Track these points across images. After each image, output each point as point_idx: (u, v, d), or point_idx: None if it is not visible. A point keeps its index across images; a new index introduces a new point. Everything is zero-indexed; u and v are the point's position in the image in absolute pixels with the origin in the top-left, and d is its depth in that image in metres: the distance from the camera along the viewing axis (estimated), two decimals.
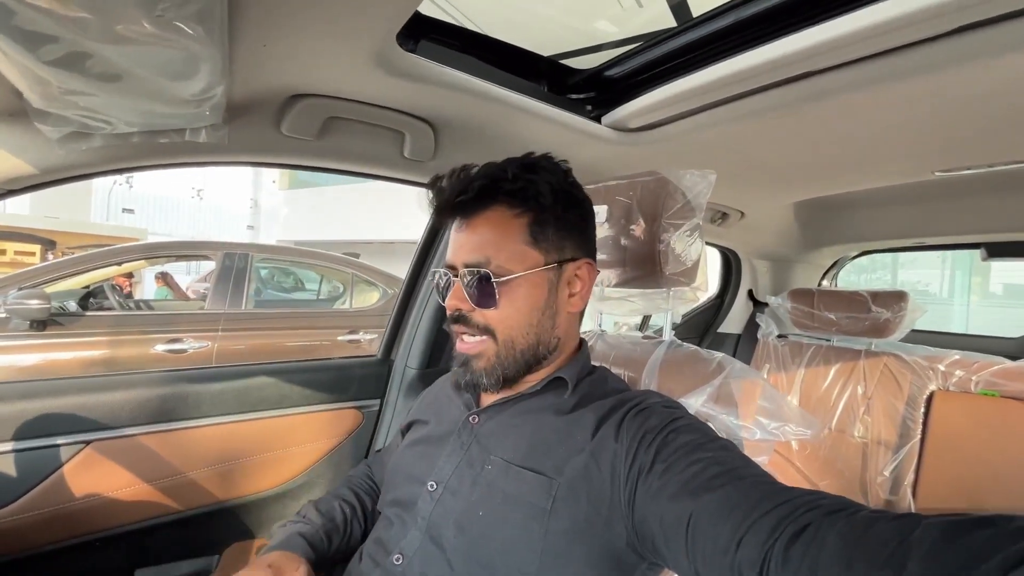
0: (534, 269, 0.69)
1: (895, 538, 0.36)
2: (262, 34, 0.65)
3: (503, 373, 0.70)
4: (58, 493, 0.92)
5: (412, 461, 0.77)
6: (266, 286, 4.85)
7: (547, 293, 0.71)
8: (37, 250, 7.05)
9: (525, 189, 0.68)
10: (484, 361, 0.70)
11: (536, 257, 0.70)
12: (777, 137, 1.04)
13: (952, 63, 0.71)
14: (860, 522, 0.40)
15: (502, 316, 0.69)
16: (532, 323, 0.70)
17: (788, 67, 0.79)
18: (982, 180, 1.31)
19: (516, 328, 0.69)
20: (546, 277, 0.71)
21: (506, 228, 0.69)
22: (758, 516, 0.45)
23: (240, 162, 0.93)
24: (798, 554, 0.40)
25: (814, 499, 0.45)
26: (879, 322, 1.66)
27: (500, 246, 0.68)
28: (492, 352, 0.70)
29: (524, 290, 0.69)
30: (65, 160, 0.75)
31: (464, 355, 0.71)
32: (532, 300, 0.70)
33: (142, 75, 0.59)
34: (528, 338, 0.70)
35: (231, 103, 0.79)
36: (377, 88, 0.83)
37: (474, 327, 0.70)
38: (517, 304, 0.69)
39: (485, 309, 0.69)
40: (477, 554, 0.62)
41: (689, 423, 0.63)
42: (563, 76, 1.02)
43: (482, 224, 0.69)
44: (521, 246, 0.69)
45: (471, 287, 0.68)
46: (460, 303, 0.69)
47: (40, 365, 2.77)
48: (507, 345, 0.69)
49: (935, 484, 1.46)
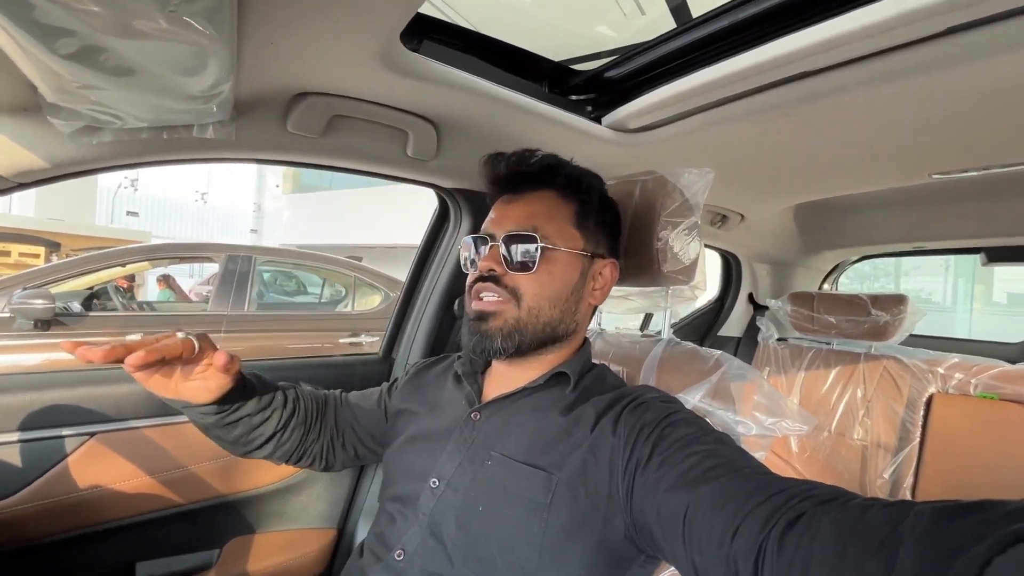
0: (574, 250, 0.74)
1: (887, 524, 0.36)
2: (270, 32, 0.67)
3: (520, 340, 0.71)
4: (62, 484, 0.93)
5: (413, 457, 0.77)
6: (269, 289, 4.87)
7: (578, 277, 0.76)
8: (42, 251, 7.10)
9: (580, 180, 0.77)
10: (500, 320, 0.71)
11: (578, 241, 0.75)
12: (776, 138, 1.06)
13: (946, 63, 0.72)
14: (853, 510, 0.40)
15: (535, 282, 0.72)
16: (561, 298, 0.74)
17: (786, 67, 0.80)
18: (981, 184, 1.32)
19: (545, 298, 0.72)
20: (581, 261, 0.76)
21: (556, 207, 0.75)
22: (753, 507, 0.46)
23: (246, 159, 0.95)
24: (792, 543, 0.41)
25: (808, 489, 0.46)
26: (879, 325, 1.67)
27: (549, 220, 0.73)
28: (512, 315, 0.71)
29: (561, 265, 0.73)
30: (76, 154, 0.76)
31: (481, 311, 0.72)
32: (565, 277, 0.74)
33: (153, 70, 0.61)
34: (553, 311, 0.73)
35: (238, 100, 0.80)
36: (381, 87, 0.84)
37: (501, 287, 0.72)
38: (553, 275, 0.73)
39: (519, 273, 0.72)
40: (477, 549, 0.63)
41: (686, 417, 0.63)
42: (564, 77, 1.03)
43: (534, 200, 0.75)
44: (567, 226, 0.75)
45: (510, 252, 0.72)
46: (495, 264, 0.72)
47: (44, 365, 2.79)
48: (532, 312, 0.72)
49: (934, 487, 1.46)
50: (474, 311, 0.74)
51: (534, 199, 0.75)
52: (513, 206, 0.76)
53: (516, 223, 0.73)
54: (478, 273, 0.74)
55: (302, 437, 0.83)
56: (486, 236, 0.75)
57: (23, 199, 9.38)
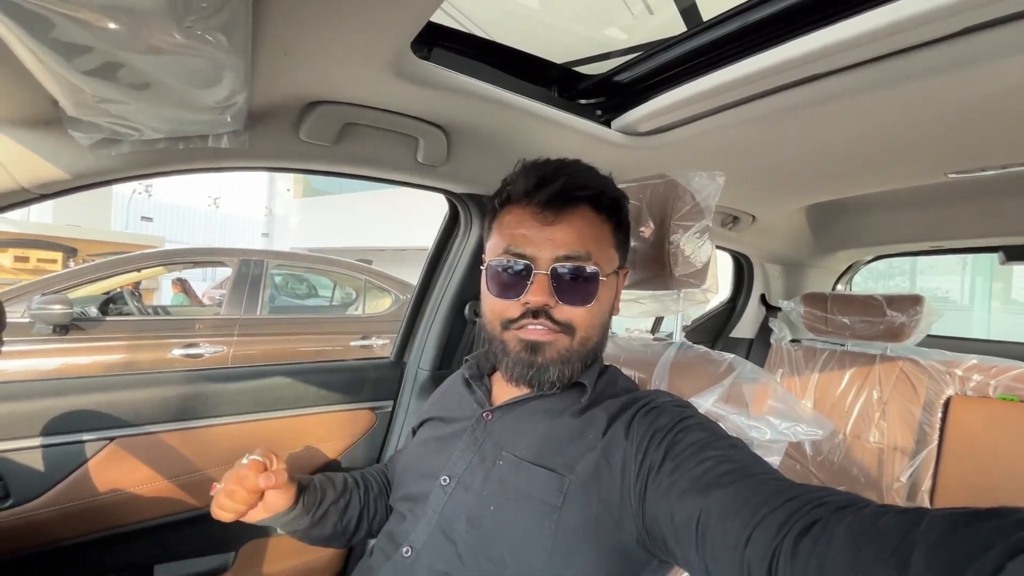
0: (614, 273, 0.74)
1: (901, 530, 0.36)
2: (283, 44, 0.68)
3: (572, 369, 0.70)
4: (83, 488, 0.95)
5: (424, 457, 0.78)
6: (280, 292, 4.92)
7: (615, 296, 0.77)
8: (59, 257, 7.22)
9: (618, 202, 0.75)
10: (554, 352, 0.68)
11: (616, 261, 0.75)
12: (788, 140, 1.05)
13: (963, 63, 0.71)
14: (867, 516, 0.40)
15: (590, 314, 0.70)
16: (605, 323, 0.75)
17: (798, 69, 0.79)
18: (999, 182, 1.30)
19: (597, 327, 0.72)
20: (616, 281, 0.76)
21: (599, 229, 0.72)
22: (767, 512, 0.45)
23: (259, 167, 0.96)
24: (807, 549, 0.40)
25: (823, 495, 0.46)
26: (894, 326, 1.64)
27: (599, 244, 0.71)
28: (566, 346, 0.69)
29: (607, 291, 0.72)
30: (96, 166, 0.78)
31: (533, 341, 0.68)
32: (609, 301, 0.74)
33: (170, 84, 0.62)
34: (601, 337, 0.74)
35: (252, 110, 0.81)
36: (392, 95, 0.85)
37: (554, 322, 0.68)
38: (603, 303, 0.72)
39: (573, 306, 0.68)
40: (487, 549, 0.63)
41: (699, 421, 0.63)
42: (573, 81, 1.03)
43: (577, 219, 0.69)
44: (611, 249, 0.74)
45: (560, 282, 0.67)
46: (547, 298, 0.67)
47: (62, 369, 2.85)
48: (583, 342, 0.70)
49: (953, 490, 1.44)
50: (523, 341, 0.69)
51: (579, 219, 0.69)
52: (558, 227, 0.68)
53: (568, 248, 0.67)
54: (525, 306, 0.68)
55: (385, 504, 0.86)
56: (526, 259, 0.68)
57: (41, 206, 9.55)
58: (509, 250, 0.69)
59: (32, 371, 2.80)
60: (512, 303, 0.69)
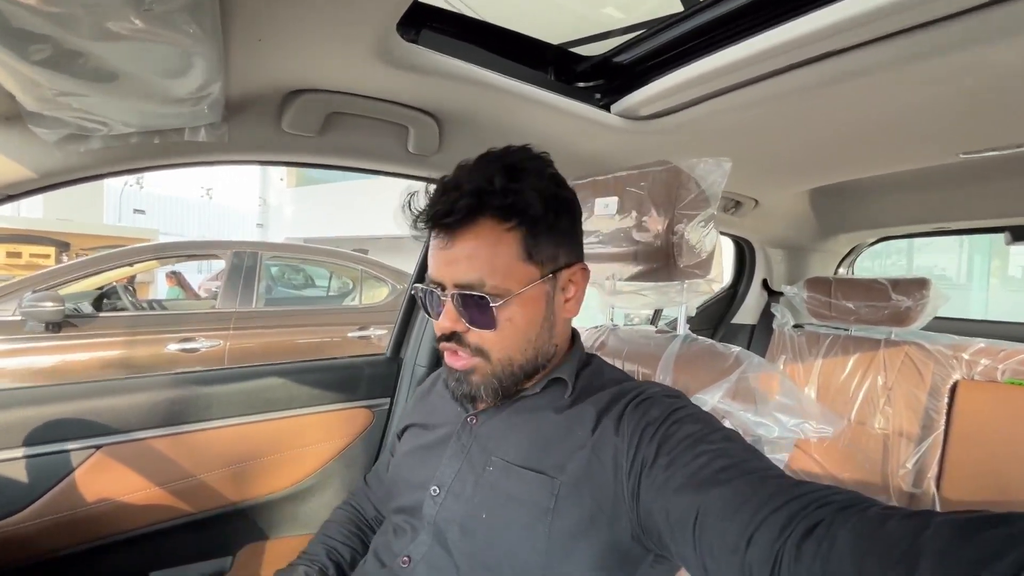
0: (530, 285, 0.65)
1: (908, 535, 0.36)
2: (257, 28, 0.63)
3: (500, 387, 0.67)
4: (70, 498, 0.92)
5: (413, 467, 0.76)
6: (276, 284, 4.88)
7: (544, 306, 0.67)
8: (52, 252, 7.16)
9: (515, 203, 0.62)
10: (479, 376, 0.67)
11: (531, 272, 0.65)
12: (794, 122, 1.01)
13: (978, 39, 0.68)
14: (872, 519, 0.39)
15: (499, 338, 0.65)
16: (530, 339, 0.67)
17: (806, 48, 0.75)
18: (1005, 162, 1.26)
19: (514, 347, 0.66)
20: (543, 290, 0.67)
21: (497, 244, 0.63)
22: (768, 512, 0.44)
23: (241, 161, 0.92)
24: (810, 552, 0.40)
25: (825, 495, 0.45)
26: (900, 311, 1.61)
27: (494, 265, 0.63)
28: (487, 370, 0.66)
29: (522, 309, 0.65)
30: (64, 163, 0.73)
31: (455, 370, 0.68)
32: (530, 317, 0.66)
33: (135, 73, 0.57)
34: (526, 354, 0.67)
35: (230, 101, 0.77)
36: (379, 81, 0.80)
37: (467, 347, 0.66)
38: (515, 323, 0.65)
39: (480, 330, 0.65)
40: (483, 556, 0.62)
41: (691, 413, 0.61)
42: (570, 64, 0.98)
43: (471, 240, 0.63)
44: (516, 262, 0.64)
45: (465, 308, 0.64)
46: (454, 324, 0.65)
47: (57, 366, 2.81)
48: (503, 363, 0.66)
49: (960, 476, 1.42)
50: (448, 367, 0.69)
51: (471, 239, 0.62)
52: (451, 249, 0.64)
53: (460, 273, 0.63)
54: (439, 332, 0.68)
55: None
56: (438, 284, 0.66)
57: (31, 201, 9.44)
58: (428, 275, 0.68)
59: (25, 370, 2.77)
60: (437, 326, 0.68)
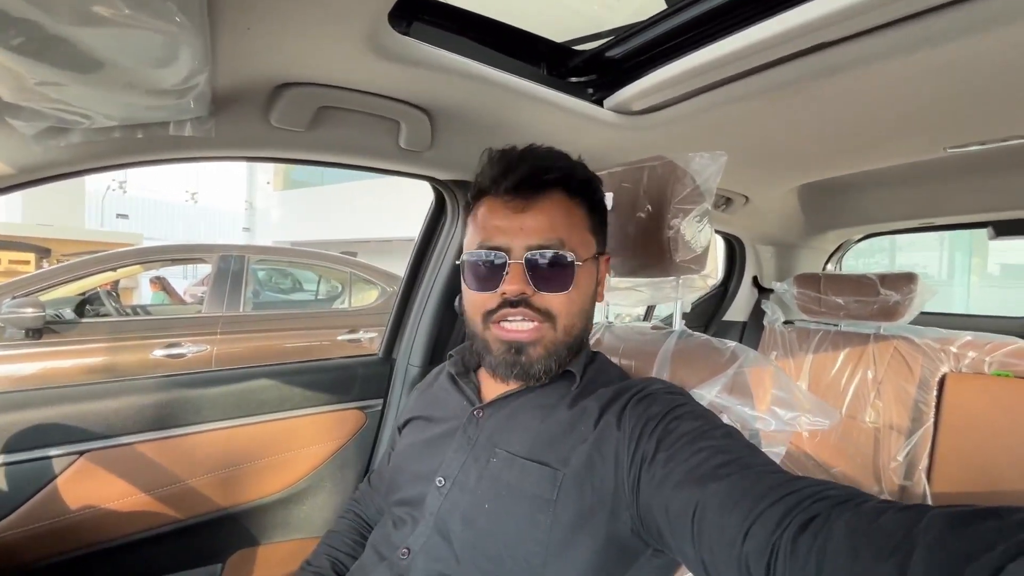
0: (592, 258, 0.71)
1: (901, 528, 0.36)
2: (246, 17, 0.61)
3: (558, 361, 0.70)
4: (52, 506, 0.89)
5: (417, 459, 0.76)
6: (264, 288, 4.82)
7: (595, 283, 0.74)
8: (32, 258, 7.00)
9: (589, 183, 0.72)
10: (542, 348, 0.68)
11: (592, 246, 0.72)
12: (786, 116, 1.01)
13: (968, 31, 0.68)
14: (867, 512, 0.40)
15: (569, 300, 0.69)
16: (587, 309, 0.72)
17: (798, 40, 0.75)
18: (990, 157, 1.28)
19: (578, 314, 0.71)
20: (595, 267, 0.73)
21: (573, 213, 0.70)
22: (765, 507, 0.45)
23: (228, 157, 0.89)
24: (805, 545, 0.40)
25: (821, 489, 0.45)
26: (888, 305, 1.63)
27: (571, 229, 0.69)
28: (550, 339, 0.68)
29: (586, 277, 0.70)
30: (43, 158, 0.71)
31: (516, 342, 0.68)
32: (590, 287, 0.72)
33: (118, 62, 0.55)
34: (585, 324, 0.73)
35: (216, 94, 0.75)
36: (370, 74, 0.79)
37: (534, 311, 0.67)
38: (581, 288, 0.69)
39: (551, 293, 0.67)
40: (484, 547, 0.63)
41: (691, 410, 0.62)
42: (563, 58, 0.97)
43: (549, 207, 0.68)
44: (586, 233, 0.71)
45: (536, 270, 0.66)
46: (523, 287, 0.66)
47: (38, 374, 2.74)
48: (566, 331, 0.70)
49: (950, 468, 1.43)
50: (504, 343, 0.68)
51: (550, 205, 0.68)
52: (529, 214, 0.67)
53: (540, 236, 0.66)
54: (503, 296, 0.67)
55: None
56: (500, 250, 0.67)
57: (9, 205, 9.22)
58: (483, 243, 0.69)
59: (4, 378, 2.69)
60: (490, 295, 0.68)
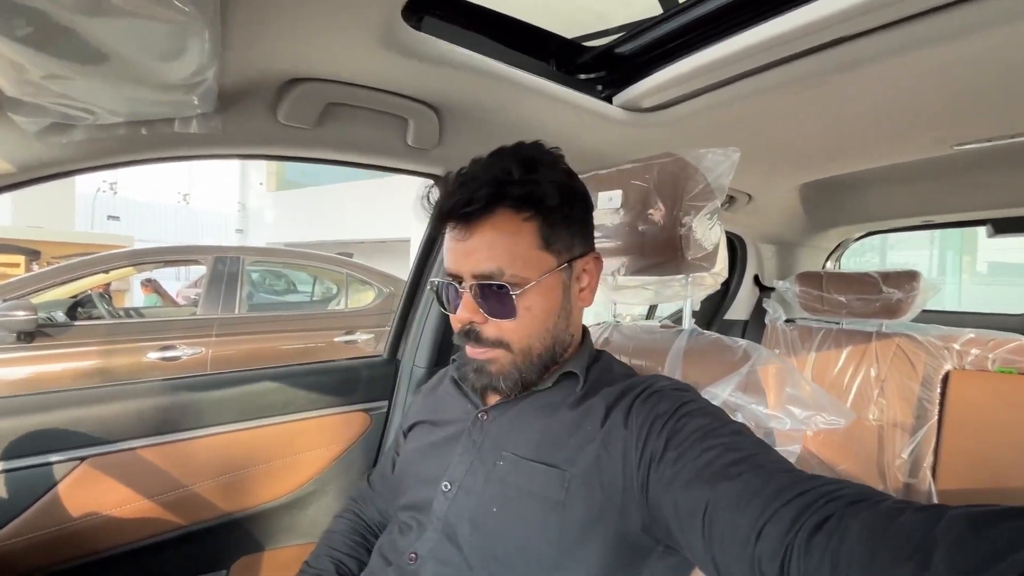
0: (548, 273, 0.66)
1: (920, 530, 0.36)
2: (257, 10, 0.60)
3: (520, 377, 0.68)
4: (54, 514, 0.87)
5: (423, 463, 0.76)
6: (258, 289, 4.78)
7: (561, 295, 0.69)
8: (22, 261, 6.91)
9: (532, 193, 0.64)
10: (499, 367, 0.67)
11: (549, 261, 0.67)
12: (795, 113, 1.00)
13: (977, 28, 0.68)
14: (883, 513, 0.39)
15: (519, 326, 0.66)
16: (549, 328, 0.68)
17: (812, 36, 0.74)
18: (992, 154, 1.28)
19: (534, 336, 0.67)
20: (560, 279, 0.68)
21: (516, 234, 0.64)
22: (779, 506, 0.44)
23: (234, 154, 0.88)
24: (820, 545, 0.39)
25: (835, 489, 0.45)
26: (891, 303, 1.63)
27: (513, 254, 0.64)
28: (507, 361, 0.67)
29: (540, 297, 0.66)
30: (45, 155, 0.69)
31: (477, 361, 0.68)
32: (548, 305, 0.68)
33: (124, 55, 0.54)
34: (545, 342, 0.69)
35: (223, 90, 0.73)
36: (379, 70, 0.77)
37: (486, 340, 0.66)
38: (534, 312, 0.66)
39: (501, 320, 0.65)
40: (494, 550, 0.62)
41: (700, 407, 0.61)
42: (572, 54, 0.96)
43: (489, 231, 0.64)
44: (534, 251, 0.65)
45: (484, 299, 0.65)
46: (472, 315, 0.66)
47: (30, 378, 2.70)
48: (524, 353, 0.67)
49: (955, 465, 1.44)
50: (472, 358, 0.69)
51: (488, 229, 0.64)
52: (469, 241, 0.64)
53: (478, 263, 0.64)
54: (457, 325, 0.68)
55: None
56: (454, 277, 0.67)
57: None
58: (446, 268, 0.69)
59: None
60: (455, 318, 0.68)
